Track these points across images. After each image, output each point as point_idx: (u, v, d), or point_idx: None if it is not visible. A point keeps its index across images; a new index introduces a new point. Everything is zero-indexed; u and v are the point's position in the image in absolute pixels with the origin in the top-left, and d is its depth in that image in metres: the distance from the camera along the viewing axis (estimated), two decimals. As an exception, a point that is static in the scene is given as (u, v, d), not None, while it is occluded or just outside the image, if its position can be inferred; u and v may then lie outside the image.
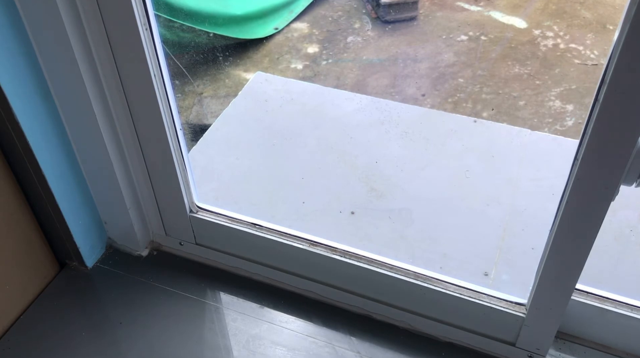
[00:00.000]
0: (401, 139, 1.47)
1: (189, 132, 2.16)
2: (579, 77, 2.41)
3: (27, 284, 1.06)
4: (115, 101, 0.93)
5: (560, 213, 0.78)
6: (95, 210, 1.10)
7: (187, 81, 2.47)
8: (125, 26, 0.83)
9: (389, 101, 1.69)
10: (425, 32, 2.76)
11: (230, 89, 2.44)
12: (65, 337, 1.02)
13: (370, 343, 0.99)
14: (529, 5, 2.86)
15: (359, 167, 1.39)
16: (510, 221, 1.23)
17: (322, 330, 1.01)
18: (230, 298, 1.07)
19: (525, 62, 2.51)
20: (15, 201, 0.99)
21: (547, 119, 2.20)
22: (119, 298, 1.08)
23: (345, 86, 2.44)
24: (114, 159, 0.99)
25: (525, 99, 2.32)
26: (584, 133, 0.71)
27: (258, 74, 1.84)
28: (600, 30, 2.66)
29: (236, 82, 2.49)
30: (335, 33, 2.79)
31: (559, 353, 0.96)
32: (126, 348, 1.00)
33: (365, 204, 1.27)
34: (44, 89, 0.91)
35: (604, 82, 0.65)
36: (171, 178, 1.02)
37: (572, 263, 0.82)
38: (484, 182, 1.33)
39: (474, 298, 0.94)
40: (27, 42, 0.85)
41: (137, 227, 1.11)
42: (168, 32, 2.48)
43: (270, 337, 1.00)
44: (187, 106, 2.32)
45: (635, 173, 0.71)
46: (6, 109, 0.86)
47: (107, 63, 0.89)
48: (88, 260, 1.12)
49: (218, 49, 2.61)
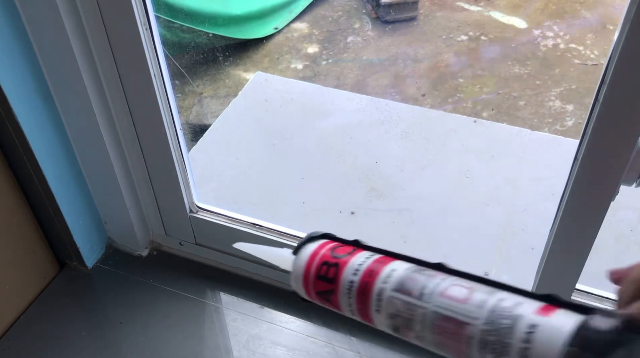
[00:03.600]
0: (401, 139, 1.47)
1: (189, 132, 2.16)
2: (579, 77, 2.41)
3: (27, 284, 1.06)
4: (115, 101, 0.93)
5: (560, 213, 0.78)
6: (95, 210, 1.10)
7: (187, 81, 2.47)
8: (125, 26, 0.83)
9: (389, 101, 1.69)
10: (425, 32, 2.76)
11: (230, 89, 2.44)
12: (65, 336, 1.02)
13: (370, 343, 0.99)
14: (529, 5, 2.86)
15: (359, 167, 1.39)
16: (510, 221, 1.23)
17: (322, 330, 1.01)
18: (230, 298, 1.07)
19: (525, 62, 2.51)
20: (15, 202, 0.99)
21: (547, 119, 2.20)
22: (119, 298, 1.08)
23: (345, 86, 2.44)
24: (114, 159, 0.99)
25: (525, 99, 2.32)
26: (584, 133, 0.71)
27: (258, 74, 1.84)
28: (600, 31, 2.66)
29: (236, 82, 2.49)
30: (335, 33, 2.79)
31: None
32: (126, 348, 1.00)
33: (365, 204, 1.27)
34: (44, 89, 0.91)
35: (604, 82, 0.64)
36: (171, 178, 1.02)
37: (572, 263, 0.82)
38: (484, 182, 1.33)
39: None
40: (27, 42, 0.85)
41: (137, 227, 1.11)
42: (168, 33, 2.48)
43: (270, 337, 1.00)
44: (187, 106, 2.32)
45: (635, 173, 0.70)
46: (6, 109, 0.86)
47: (107, 63, 0.89)
48: (88, 260, 1.12)
49: (218, 49, 2.61)
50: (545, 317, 0.34)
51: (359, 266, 0.40)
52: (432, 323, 0.36)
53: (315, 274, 0.42)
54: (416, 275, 0.38)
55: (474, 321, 0.35)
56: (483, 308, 0.35)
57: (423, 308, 0.37)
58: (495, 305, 0.35)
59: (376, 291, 0.38)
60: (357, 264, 0.40)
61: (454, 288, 0.37)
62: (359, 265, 0.40)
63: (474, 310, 0.35)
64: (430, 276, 0.38)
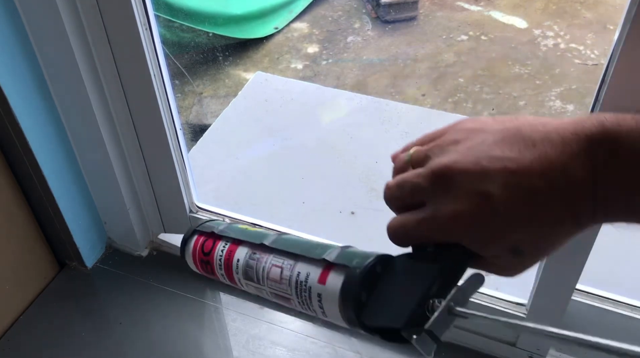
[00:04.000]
0: (401, 139, 1.47)
1: (189, 132, 2.16)
2: (579, 77, 2.41)
3: (27, 284, 1.06)
4: (115, 100, 0.93)
5: (560, 213, 0.78)
6: (94, 210, 1.10)
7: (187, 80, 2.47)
8: (125, 26, 0.83)
9: (389, 101, 1.68)
10: (425, 32, 2.76)
11: (230, 89, 2.44)
12: (65, 336, 1.02)
13: (370, 344, 0.99)
14: (529, 5, 2.86)
15: (359, 167, 1.39)
16: (510, 221, 1.23)
17: (322, 331, 1.01)
18: (230, 298, 1.07)
19: (526, 62, 2.51)
20: (15, 202, 0.99)
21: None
22: (119, 298, 1.08)
23: (345, 86, 2.44)
24: (113, 159, 0.99)
25: (525, 99, 2.32)
26: (584, 133, 0.70)
27: (258, 74, 1.84)
28: (601, 31, 2.66)
29: (236, 82, 2.49)
30: (335, 33, 2.79)
31: (559, 354, 0.96)
32: (126, 348, 1.00)
33: (365, 204, 1.27)
34: (44, 89, 0.91)
35: (604, 82, 0.64)
36: (171, 178, 1.02)
37: (573, 263, 0.81)
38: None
39: (474, 298, 0.94)
40: (27, 42, 0.85)
41: (137, 227, 1.11)
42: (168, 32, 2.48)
43: (270, 337, 1.00)
44: (187, 106, 2.32)
45: (635, 173, 0.70)
46: (6, 109, 0.86)
47: (107, 63, 0.89)
48: (88, 260, 1.12)
49: (218, 49, 2.61)
50: (324, 285, 0.42)
51: (220, 261, 0.52)
52: (273, 296, 0.47)
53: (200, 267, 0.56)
54: (251, 262, 0.48)
55: (290, 296, 0.45)
56: (290, 286, 0.45)
57: (264, 288, 0.48)
58: (295, 281, 0.44)
59: (236, 279, 0.51)
60: (218, 258, 0.52)
61: (272, 270, 0.46)
62: (219, 259, 0.52)
63: (286, 288, 0.45)
64: (258, 260, 0.48)
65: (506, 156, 0.36)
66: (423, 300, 0.38)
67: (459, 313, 0.37)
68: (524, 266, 0.40)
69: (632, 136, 0.34)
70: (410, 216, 0.40)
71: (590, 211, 0.36)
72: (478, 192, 0.36)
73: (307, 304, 0.44)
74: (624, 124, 0.34)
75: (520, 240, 0.37)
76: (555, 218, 0.36)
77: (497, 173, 0.36)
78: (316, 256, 0.44)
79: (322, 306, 0.43)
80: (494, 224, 0.36)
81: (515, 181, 0.35)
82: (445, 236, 0.38)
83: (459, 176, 0.37)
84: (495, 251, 0.38)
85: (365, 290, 0.40)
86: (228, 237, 0.52)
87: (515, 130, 0.37)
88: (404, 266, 0.41)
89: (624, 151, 0.34)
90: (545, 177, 0.35)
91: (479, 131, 0.39)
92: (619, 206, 0.35)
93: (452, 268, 0.39)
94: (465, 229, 0.37)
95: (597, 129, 0.35)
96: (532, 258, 0.39)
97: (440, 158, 0.39)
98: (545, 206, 0.36)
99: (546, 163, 0.35)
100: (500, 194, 0.36)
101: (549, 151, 0.35)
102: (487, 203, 0.36)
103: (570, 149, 0.35)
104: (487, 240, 0.37)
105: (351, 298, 0.40)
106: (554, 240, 0.37)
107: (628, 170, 0.34)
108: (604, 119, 0.35)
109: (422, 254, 0.40)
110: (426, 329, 0.37)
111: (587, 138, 0.35)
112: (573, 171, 0.35)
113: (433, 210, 0.38)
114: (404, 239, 0.41)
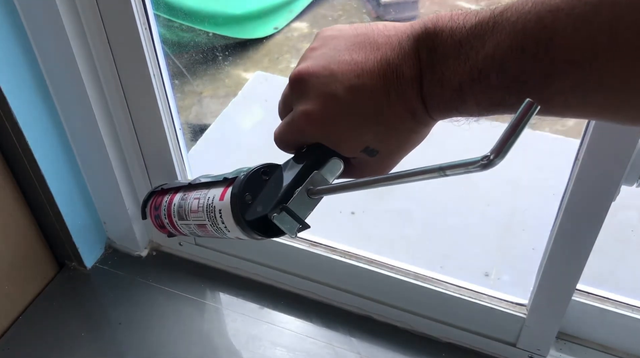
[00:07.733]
0: (401, 139, 1.46)
1: (189, 132, 2.16)
2: (579, 77, 2.41)
3: (26, 284, 1.06)
4: (114, 100, 0.93)
5: (560, 213, 0.78)
6: (94, 210, 1.09)
7: (187, 80, 2.47)
8: (125, 26, 0.83)
9: (389, 101, 1.68)
10: (425, 31, 2.75)
11: (230, 89, 2.44)
12: (65, 337, 1.02)
13: (370, 344, 0.98)
14: (529, 5, 2.85)
15: (359, 167, 1.38)
16: (510, 221, 1.22)
17: (322, 331, 1.01)
18: (230, 298, 1.07)
19: (526, 62, 2.51)
20: (14, 202, 0.99)
21: (548, 118, 2.19)
22: (118, 298, 1.08)
23: (345, 86, 2.44)
24: (113, 159, 0.98)
25: (525, 99, 2.32)
26: (584, 133, 0.70)
27: (258, 73, 1.84)
28: (601, 30, 2.65)
29: (236, 82, 2.49)
30: (335, 33, 2.79)
31: (560, 354, 0.95)
32: (126, 348, 1.00)
33: (365, 205, 1.27)
34: (44, 89, 0.91)
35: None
36: (171, 178, 1.02)
37: (573, 263, 0.81)
38: (484, 182, 1.33)
39: (475, 298, 0.93)
40: (27, 42, 0.85)
41: (137, 227, 1.11)
42: (167, 32, 2.48)
43: (270, 338, 1.00)
44: (186, 106, 2.32)
45: (636, 173, 0.70)
46: (5, 109, 0.86)
47: (107, 63, 0.88)
48: (87, 260, 1.12)
49: (218, 48, 2.61)
50: (222, 201, 0.47)
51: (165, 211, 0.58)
52: (197, 229, 0.53)
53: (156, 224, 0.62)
54: (181, 203, 0.55)
55: (205, 221, 0.50)
56: (204, 211, 0.50)
57: (190, 223, 0.54)
58: (205, 205, 0.50)
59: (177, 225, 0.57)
60: (163, 209, 0.58)
61: (192, 203, 0.52)
62: (164, 209, 0.58)
63: (201, 215, 0.51)
64: (185, 199, 0.54)
65: (353, 60, 0.39)
66: (289, 191, 0.44)
67: (317, 192, 0.43)
68: (385, 165, 0.44)
69: (446, 32, 0.36)
70: (281, 122, 0.45)
71: (421, 107, 0.39)
72: (326, 93, 0.40)
73: (215, 225, 0.49)
74: (440, 22, 0.37)
75: (370, 139, 0.41)
76: (394, 115, 0.39)
77: (343, 75, 0.39)
78: (221, 179, 0.49)
79: (223, 221, 0.47)
80: (344, 123, 0.40)
81: (359, 83, 0.39)
82: (304, 137, 0.43)
83: (310, 80, 0.41)
84: (351, 151, 0.42)
85: (250, 191, 0.45)
86: (171, 188, 0.59)
87: (364, 36, 0.40)
88: (285, 169, 0.46)
89: (441, 47, 0.36)
90: (384, 78, 0.38)
91: (334, 38, 0.42)
92: (443, 101, 0.38)
93: (314, 165, 0.44)
94: (317, 128, 0.41)
95: (421, 30, 0.38)
96: (389, 157, 0.43)
97: (299, 65, 0.43)
98: (385, 105, 0.39)
99: (385, 65, 0.38)
100: (345, 95, 0.39)
101: (388, 54, 0.39)
102: (334, 104, 0.39)
103: (404, 51, 0.38)
104: (339, 139, 0.41)
105: (237, 201, 0.44)
106: (400, 137, 0.41)
107: (445, 66, 0.36)
108: (428, 20, 0.38)
109: (298, 156, 0.45)
110: (285, 206, 0.43)
111: (415, 38, 0.38)
112: (405, 70, 0.38)
113: (292, 113, 0.43)
114: (280, 144, 0.46)
